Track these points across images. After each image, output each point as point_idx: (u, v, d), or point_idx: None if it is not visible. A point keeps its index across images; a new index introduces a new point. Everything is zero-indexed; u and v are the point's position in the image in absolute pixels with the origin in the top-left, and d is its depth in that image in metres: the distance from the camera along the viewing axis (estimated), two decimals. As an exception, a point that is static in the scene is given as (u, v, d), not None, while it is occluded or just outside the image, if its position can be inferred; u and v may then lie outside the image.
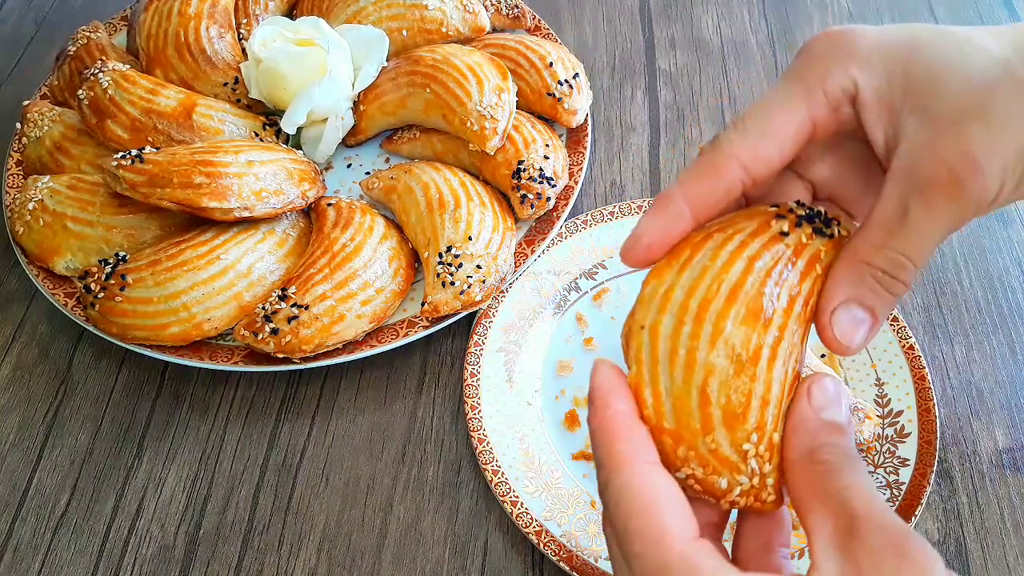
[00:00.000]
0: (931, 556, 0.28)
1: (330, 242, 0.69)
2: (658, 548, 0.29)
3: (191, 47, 0.80)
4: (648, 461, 0.32)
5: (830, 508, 0.30)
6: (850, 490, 0.30)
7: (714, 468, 0.33)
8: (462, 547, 0.61)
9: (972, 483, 0.62)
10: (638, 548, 0.30)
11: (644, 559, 0.30)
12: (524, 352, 0.69)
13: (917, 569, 0.28)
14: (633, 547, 0.30)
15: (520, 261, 0.72)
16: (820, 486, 0.31)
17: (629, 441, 0.32)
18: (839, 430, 0.32)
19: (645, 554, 0.30)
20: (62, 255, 0.71)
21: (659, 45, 0.93)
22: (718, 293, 0.33)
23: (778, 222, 0.35)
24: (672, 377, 0.33)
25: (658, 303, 0.34)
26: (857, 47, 0.34)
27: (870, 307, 0.33)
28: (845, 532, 0.29)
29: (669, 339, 0.34)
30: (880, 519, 0.29)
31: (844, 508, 0.30)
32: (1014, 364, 0.68)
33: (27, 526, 0.64)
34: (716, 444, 0.32)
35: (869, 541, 0.28)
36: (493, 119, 0.74)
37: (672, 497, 0.31)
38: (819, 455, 0.32)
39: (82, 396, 0.70)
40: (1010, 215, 0.77)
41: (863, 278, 0.33)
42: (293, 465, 0.66)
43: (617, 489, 0.31)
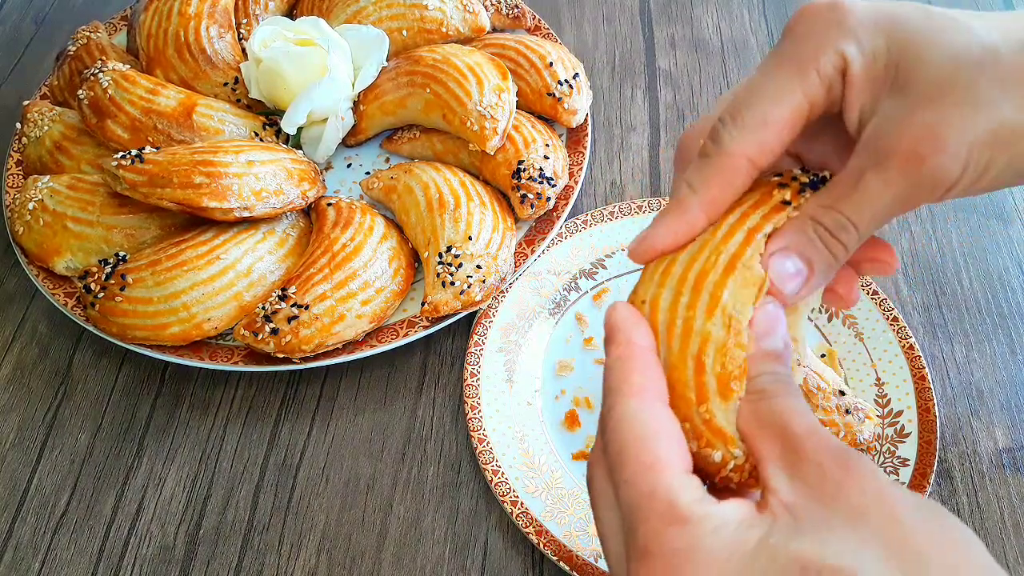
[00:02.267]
0: (871, 467, 0.29)
1: (330, 242, 0.69)
2: (647, 475, 0.30)
3: (191, 47, 0.80)
4: (659, 397, 0.32)
5: (773, 433, 0.31)
6: (788, 414, 0.31)
7: (708, 440, 0.33)
8: (462, 547, 0.61)
9: (972, 483, 0.62)
10: (628, 474, 0.30)
11: (632, 485, 0.30)
12: (524, 352, 0.69)
13: (859, 478, 0.28)
14: (623, 473, 0.30)
15: (520, 261, 0.72)
16: (760, 414, 0.31)
17: (644, 374, 0.33)
18: (775, 357, 0.33)
19: (634, 480, 0.30)
20: (62, 255, 0.71)
21: (659, 45, 0.93)
22: (716, 264, 0.34)
23: (780, 191, 0.35)
24: (670, 347, 0.34)
25: (658, 278, 0.35)
26: (846, 21, 0.33)
27: (808, 259, 0.34)
28: (789, 453, 0.30)
29: (667, 311, 0.34)
30: (820, 439, 0.30)
31: (785, 432, 0.30)
32: (1014, 364, 0.68)
33: (27, 526, 0.64)
34: (710, 414, 0.32)
35: (813, 459, 0.29)
36: (493, 119, 0.74)
37: (672, 433, 0.32)
38: (755, 384, 0.32)
39: (82, 396, 0.70)
40: (1010, 215, 0.77)
41: (806, 231, 0.34)
42: (293, 465, 0.66)
43: (619, 415, 0.32)
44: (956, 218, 0.77)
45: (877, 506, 0.28)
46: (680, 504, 0.29)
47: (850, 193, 0.33)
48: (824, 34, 0.33)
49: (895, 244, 0.75)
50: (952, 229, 0.77)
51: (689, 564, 0.28)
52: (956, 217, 0.77)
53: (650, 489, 0.30)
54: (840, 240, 0.33)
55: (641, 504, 0.30)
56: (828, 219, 0.33)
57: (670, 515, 0.29)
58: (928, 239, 0.76)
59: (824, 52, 0.33)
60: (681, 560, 0.28)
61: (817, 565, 0.26)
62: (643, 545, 0.29)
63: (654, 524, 0.29)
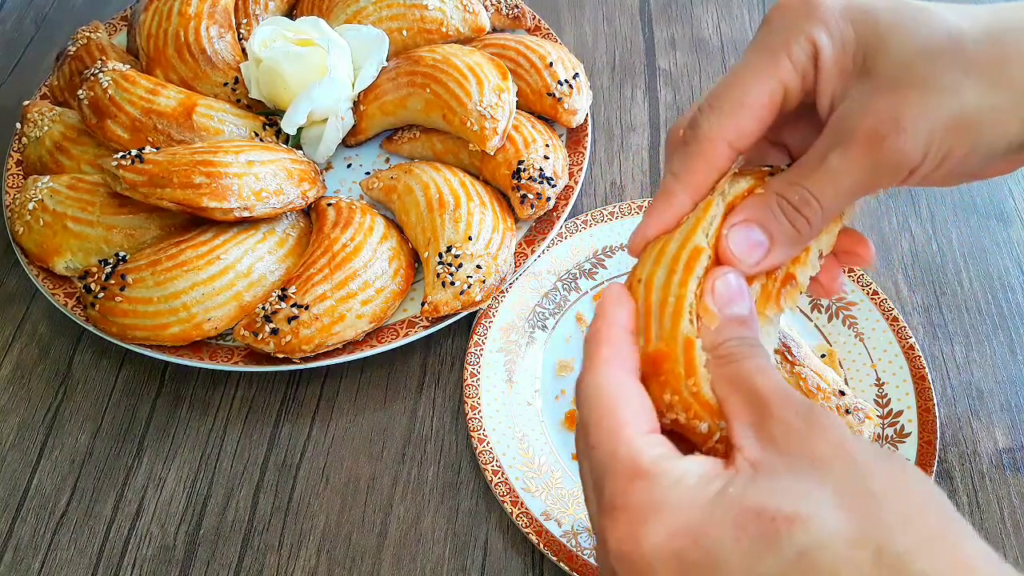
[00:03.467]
0: (834, 420, 0.30)
1: (330, 242, 0.69)
2: (610, 438, 0.31)
3: (191, 47, 0.80)
4: (623, 367, 0.34)
5: (740, 394, 0.32)
6: (753, 374, 0.32)
7: (696, 412, 0.33)
8: (462, 547, 0.61)
9: (972, 483, 0.62)
10: (593, 439, 0.32)
11: (598, 448, 0.31)
12: (524, 352, 0.69)
13: (822, 431, 0.29)
14: (590, 438, 0.32)
15: (520, 261, 0.72)
16: (728, 377, 0.32)
17: (611, 347, 0.34)
18: (740, 322, 0.34)
19: (599, 444, 0.31)
20: (62, 255, 0.71)
21: (659, 45, 0.93)
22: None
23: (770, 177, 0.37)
24: (662, 324, 0.34)
25: (654, 257, 0.36)
26: (818, 11, 0.35)
27: (769, 232, 0.35)
28: (756, 412, 0.31)
29: (661, 289, 0.35)
30: (785, 395, 0.31)
31: (751, 392, 0.31)
32: (1014, 364, 0.68)
33: (27, 526, 0.64)
34: (697, 387, 0.33)
35: (778, 415, 0.30)
36: (493, 119, 0.74)
37: (634, 398, 0.33)
38: (723, 349, 0.33)
39: (82, 396, 0.70)
40: (1010, 215, 0.77)
41: (769, 204, 0.35)
42: (293, 465, 0.66)
43: (586, 385, 0.33)
44: (956, 218, 0.77)
45: (838, 455, 0.29)
46: (642, 461, 0.30)
47: (814, 170, 0.34)
48: (796, 23, 0.35)
49: (895, 244, 0.75)
50: (952, 229, 0.77)
51: (651, 515, 0.29)
52: (956, 217, 0.77)
53: (613, 449, 0.31)
54: (803, 214, 0.34)
55: (606, 464, 0.31)
56: (791, 193, 0.35)
57: (632, 471, 0.30)
58: (928, 239, 0.76)
59: (796, 40, 0.34)
60: (644, 512, 0.29)
61: (771, 512, 0.27)
62: (609, 500, 0.30)
63: (618, 481, 0.30)
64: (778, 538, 0.27)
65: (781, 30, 0.35)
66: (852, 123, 0.33)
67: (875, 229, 0.76)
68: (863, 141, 0.32)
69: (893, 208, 0.78)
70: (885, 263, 0.74)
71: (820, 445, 0.29)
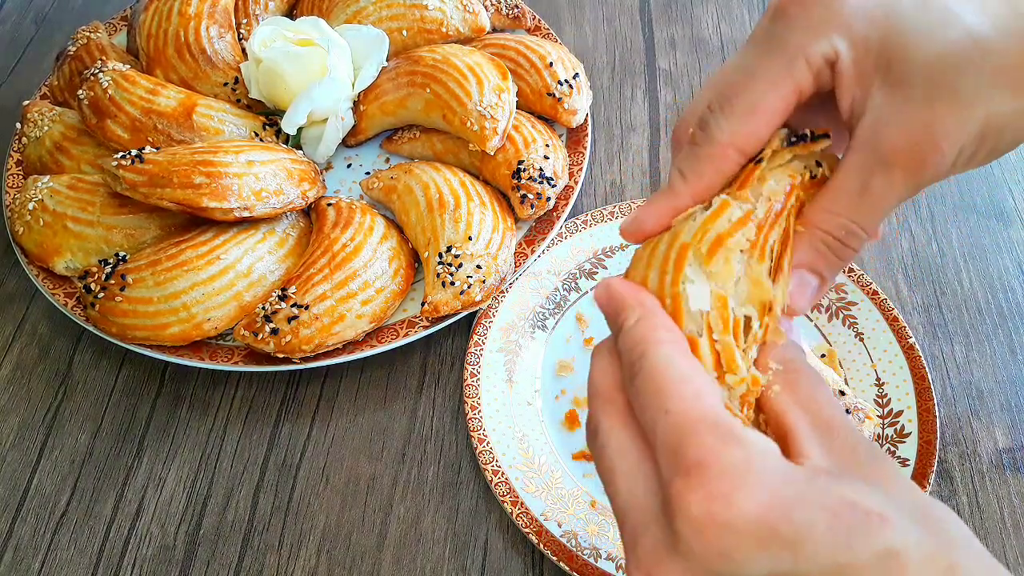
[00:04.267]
0: (895, 465, 0.31)
1: (330, 242, 0.69)
2: (695, 403, 0.30)
3: (191, 47, 0.80)
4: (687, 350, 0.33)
5: (808, 411, 0.32)
6: (822, 401, 0.32)
7: None
8: (462, 547, 0.61)
9: (972, 483, 0.62)
10: (672, 405, 0.30)
11: (678, 413, 0.30)
12: (524, 352, 0.69)
13: (888, 468, 0.30)
14: (667, 404, 0.30)
15: (520, 261, 0.72)
16: (795, 388, 0.32)
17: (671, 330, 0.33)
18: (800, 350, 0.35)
19: (679, 409, 0.30)
20: (62, 255, 0.71)
21: (659, 45, 0.93)
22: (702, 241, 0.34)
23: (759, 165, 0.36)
24: None
25: (646, 259, 0.36)
26: (838, 10, 0.33)
27: (819, 272, 0.35)
28: (824, 431, 0.31)
29: (655, 291, 0.34)
30: (851, 427, 0.31)
31: (820, 413, 0.31)
32: (1014, 364, 0.68)
33: (27, 526, 0.64)
34: None
35: (847, 440, 0.31)
36: (493, 119, 0.74)
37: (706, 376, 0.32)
38: (793, 365, 0.33)
39: (82, 396, 0.70)
40: (1010, 215, 0.77)
41: (816, 244, 0.34)
42: (293, 465, 0.66)
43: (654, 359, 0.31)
44: (956, 218, 0.77)
45: (903, 482, 0.30)
46: (735, 427, 0.29)
47: (858, 199, 0.33)
48: (816, 22, 0.33)
49: (895, 244, 0.75)
50: (952, 229, 0.77)
51: (749, 477, 0.28)
52: (956, 217, 0.77)
53: (700, 414, 0.29)
54: (850, 246, 0.34)
55: (691, 426, 0.29)
56: (836, 227, 0.34)
57: (725, 434, 0.29)
58: (928, 239, 0.76)
59: (815, 42, 0.33)
60: (741, 474, 0.28)
61: (865, 507, 0.27)
62: (696, 460, 0.28)
63: (709, 441, 0.28)
64: (870, 532, 0.27)
65: (798, 28, 0.33)
66: (889, 143, 0.32)
67: (875, 229, 0.76)
68: (905, 162, 0.32)
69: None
70: (885, 263, 0.74)
71: (888, 475, 0.30)
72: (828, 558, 0.27)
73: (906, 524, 0.27)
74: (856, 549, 0.27)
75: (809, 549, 0.27)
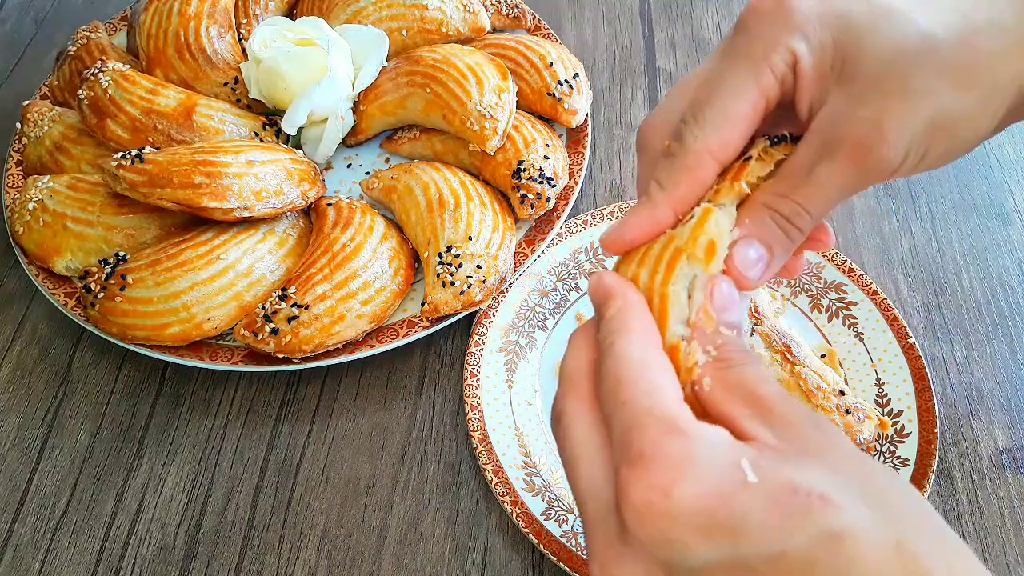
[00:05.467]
0: (838, 433, 0.31)
1: (330, 242, 0.69)
2: (646, 397, 0.31)
3: (191, 47, 0.80)
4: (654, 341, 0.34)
5: (742, 397, 0.32)
6: (755, 381, 0.32)
7: None
8: (462, 547, 0.61)
9: (972, 483, 0.62)
10: (625, 396, 0.31)
11: (630, 405, 0.31)
12: (524, 352, 0.69)
13: (834, 435, 0.30)
14: (621, 396, 0.31)
15: (520, 261, 0.72)
16: (727, 381, 0.32)
17: (642, 320, 0.34)
18: (735, 329, 0.34)
19: (632, 401, 0.31)
20: (62, 255, 0.71)
21: (659, 45, 0.93)
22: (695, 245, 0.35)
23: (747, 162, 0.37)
24: None
25: (638, 258, 0.36)
26: (794, 17, 0.35)
27: (768, 244, 0.35)
28: (763, 414, 0.31)
29: (644, 289, 0.35)
30: (790, 403, 0.31)
31: (755, 396, 0.32)
32: (1014, 364, 0.68)
33: (27, 526, 0.64)
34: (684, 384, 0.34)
35: (788, 418, 0.31)
36: (493, 119, 0.74)
37: (668, 369, 0.33)
38: (723, 352, 0.33)
39: (82, 396, 0.70)
40: (1010, 215, 0.77)
41: (764, 219, 0.36)
42: (293, 465, 0.66)
43: (619, 350, 0.33)
44: (956, 218, 0.77)
45: (850, 457, 0.30)
46: (680, 419, 0.30)
47: (803, 183, 0.35)
48: (775, 31, 0.35)
49: (895, 244, 0.75)
50: (952, 229, 0.77)
51: (686, 468, 0.29)
52: (956, 217, 0.77)
53: (649, 406, 0.30)
54: (796, 225, 0.35)
55: (639, 419, 0.30)
56: (784, 207, 0.35)
57: (668, 426, 0.30)
58: (928, 239, 0.76)
59: (776, 49, 0.35)
60: (679, 464, 0.29)
61: (806, 489, 0.28)
62: (639, 451, 0.29)
63: (652, 433, 0.30)
64: (811, 515, 0.27)
65: (759, 37, 0.36)
66: (836, 133, 0.34)
67: (875, 229, 0.76)
68: (850, 151, 0.33)
69: (893, 208, 0.78)
70: (885, 263, 0.74)
71: (832, 446, 0.30)
72: (767, 544, 0.27)
73: (849, 502, 0.28)
74: (796, 534, 0.27)
75: (749, 536, 0.27)
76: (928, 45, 0.33)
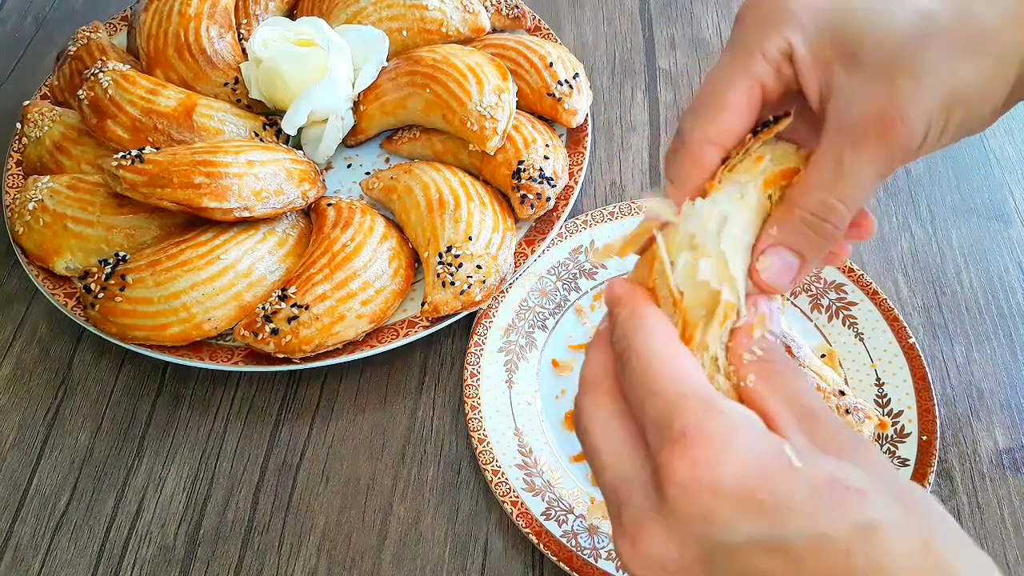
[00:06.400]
0: (877, 451, 0.31)
1: (330, 242, 0.69)
2: (679, 383, 0.31)
3: (191, 47, 0.80)
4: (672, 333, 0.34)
5: (789, 399, 0.32)
6: (803, 390, 0.33)
7: None
8: (462, 547, 0.61)
9: (972, 483, 0.62)
10: (658, 386, 0.31)
11: (663, 394, 0.31)
12: (524, 352, 0.69)
13: (871, 454, 0.31)
14: (653, 386, 0.32)
15: (520, 261, 0.72)
16: (773, 379, 0.33)
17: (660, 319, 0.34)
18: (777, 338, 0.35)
19: (665, 389, 0.31)
20: (62, 255, 0.71)
21: (659, 45, 0.93)
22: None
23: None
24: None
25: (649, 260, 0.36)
26: (787, 7, 0.36)
27: (799, 251, 0.35)
28: (806, 418, 0.31)
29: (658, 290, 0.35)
30: (832, 416, 0.32)
31: (800, 402, 0.32)
32: (1014, 364, 0.68)
33: (27, 526, 0.64)
34: None
35: (829, 427, 0.31)
36: (493, 119, 0.74)
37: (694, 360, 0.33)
38: (768, 354, 0.34)
39: (82, 396, 0.70)
40: (1010, 216, 0.77)
41: (795, 223, 0.35)
42: (293, 465, 0.66)
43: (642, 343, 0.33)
44: (956, 218, 0.77)
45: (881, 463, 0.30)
46: (716, 401, 0.31)
47: (835, 174, 0.35)
48: (768, 22, 0.36)
49: (895, 244, 0.75)
50: (952, 229, 0.77)
51: (731, 443, 0.29)
52: (956, 217, 0.77)
53: (683, 391, 0.31)
54: (829, 221, 0.35)
55: (676, 403, 0.31)
56: (814, 204, 0.35)
57: (708, 406, 0.30)
58: (928, 239, 0.76)
59: (768, 37, 0.36)
60: (724, 439, 0.29)
61: (845, 482, 0.28)
62: (681, 430, 0.30)
63: (693, 414, 0.30)
64: (849, 506, 0.28)
65: (755, 28, 0.36)
66: (855, 118, 0.34)
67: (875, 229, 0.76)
68: (873, 134, 0.33)
69: (893, 208, 0.78)
70: (885, 263, 0.74)
71: (865, 453, 0.31)
72: (808, 527, 0.28)
73: (885, 500, 0.29)
74: (835, 521, 0.28)
75: (789, 517, 0.28)
76: (927, 23, 0.34)
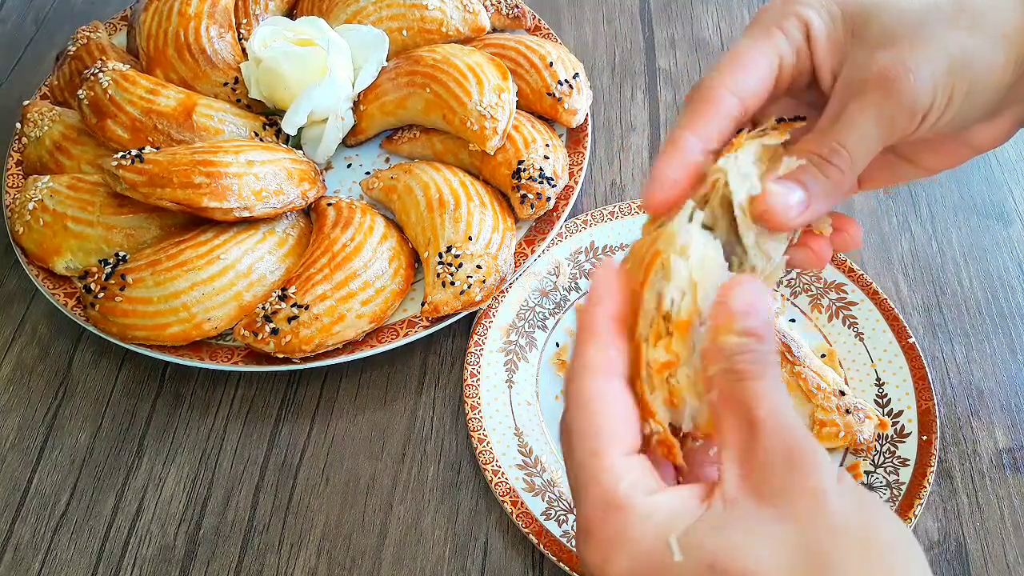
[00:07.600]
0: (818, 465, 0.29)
1: (330, 242, 0.69)
2: (592, 461, 0.32)
3: (191, 47, 0.80)
4: (609, 371, 0.33)
5: (738, 418, 0.31)
6: (757, 395, 0.30)
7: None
8: (462, 547, 0.61)
9: (972, 483, 0.62)
10: (577, 455, 0.33)
11: (581, 468, 0.32)
12: (524, 352, 0.69)
13: (803, 477, 0.29)
14: (575, 455, 0.33)
15: (520, 261, 0.72)
16: (732, 396, 0.31)
17: (599, 348, 0.34)
18: (757, 337, 0.31)
19: (582, 464, 0.32)
20: (62, 255, 0.71)
21: (659, 45, 0.93)
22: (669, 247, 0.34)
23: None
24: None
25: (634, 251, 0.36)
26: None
27: (803, 183, 0.36)
28: (746, 443, 0.30)
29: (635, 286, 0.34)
30: (778, 426, 0.30)
31: (748, 413, 0.30)
32: (1014, 364, 0.68)
33: (27, 526, 0.64)
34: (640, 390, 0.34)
35: (764, 446, 0.30)
36: (493, 119, 0.74)
37: (620, 413, 0.33)
38: (736, 364, 0.31)
39: (82, 396, 0.70)
40: (1010, 215, 0.77)
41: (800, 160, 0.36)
42: (293, 465, 0.66)
43: (574, 392, 0.33)
44: (956, 218, 0.77)
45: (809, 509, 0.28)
46: (618, 491, 0.31)
47: (836, 122, 0.36)
48: (786, 6, 0.38)
49: (895, 244, 0.75)
50: (952, 229, 0.77)
51: (619, 545, 0.30)
52: (956, 217, 0.77)
53: (593, 475, 0.32)
54: (832, 162, 0.36)
55: (584, 482, 0.32)
56: (819, 147, 0.36)
57: (605, 501, 0.31)
58: (928, 239, 0.76)
59: (787, 17, 0.38)
60: (613, 542, 0.30)
61: (724, 566, 0.28)
62: (584, 525, 0.32)
63: (591, 509, 0.31)
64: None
65: (774, 10, 0.38)
66: (861, 76, 0.36)
67: (875, 229, 0.76)
68: (876, 85, 0.35)
69: (893, 208, 0.78)
70: (885, 263, 0.74)
71: (795, 493, 0.29)
72: None
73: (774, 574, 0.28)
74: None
75: None
76: (931, 4, 0.36)
